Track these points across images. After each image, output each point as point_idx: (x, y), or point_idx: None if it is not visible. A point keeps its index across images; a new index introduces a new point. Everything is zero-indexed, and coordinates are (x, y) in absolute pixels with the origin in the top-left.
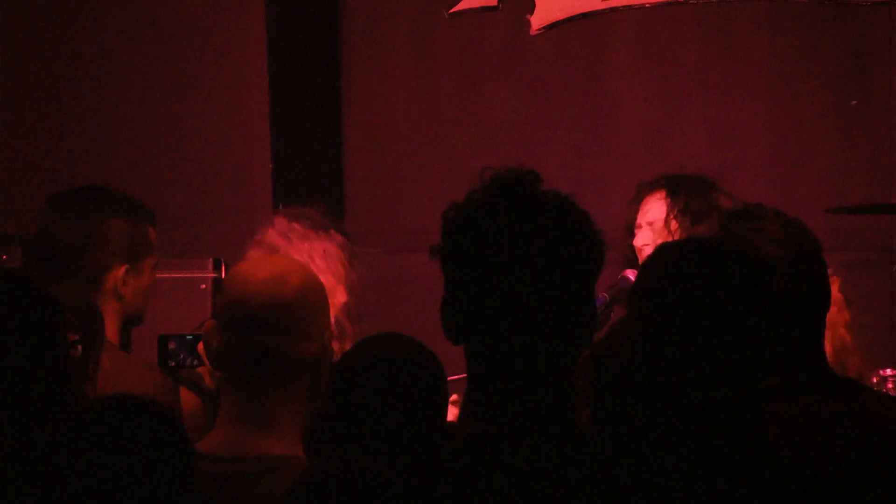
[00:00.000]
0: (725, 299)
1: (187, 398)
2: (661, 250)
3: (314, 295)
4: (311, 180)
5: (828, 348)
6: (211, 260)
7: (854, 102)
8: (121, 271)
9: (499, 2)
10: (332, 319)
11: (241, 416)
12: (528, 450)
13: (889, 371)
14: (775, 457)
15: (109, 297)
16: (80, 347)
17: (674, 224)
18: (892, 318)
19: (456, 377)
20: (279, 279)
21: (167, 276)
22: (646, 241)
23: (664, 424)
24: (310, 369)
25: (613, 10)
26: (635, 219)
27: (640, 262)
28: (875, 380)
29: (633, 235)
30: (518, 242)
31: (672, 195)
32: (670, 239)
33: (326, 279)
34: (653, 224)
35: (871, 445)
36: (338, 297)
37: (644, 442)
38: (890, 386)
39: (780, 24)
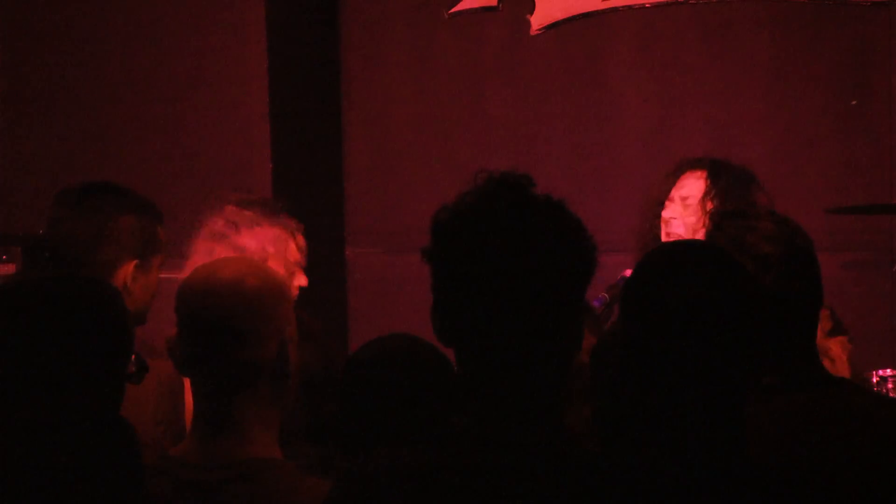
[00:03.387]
0: (713, 302)
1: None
2: (653, 253)
3: (270, 297)
4: (311, 180)
5: None
6: None
7: (854, 102)
8: (130, 267)
9: (499, 2)
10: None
11: (211, 421)
12: (516, 452)
13: (889, 371)
14: (762, 457)
15: None
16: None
17: (710, 204)
18: (892, 318)
19: None
20: (234, 285)
21: (167, 275)
22: (674, 214)
23: (652, 423)
24: (271, 371)
25: (613, 10)
26: (669, 192)
27: (664, 235)
28: (875, 380)
29: (661, 206)
30: (508, 246)
31: (713, 176)
32: (703, 218)
33: (278, 264)
34: (686, 199)
35: (862, 445)
36: (295, 282)
37: (635, 440)
38: (890, 386)
39: (780, 24)
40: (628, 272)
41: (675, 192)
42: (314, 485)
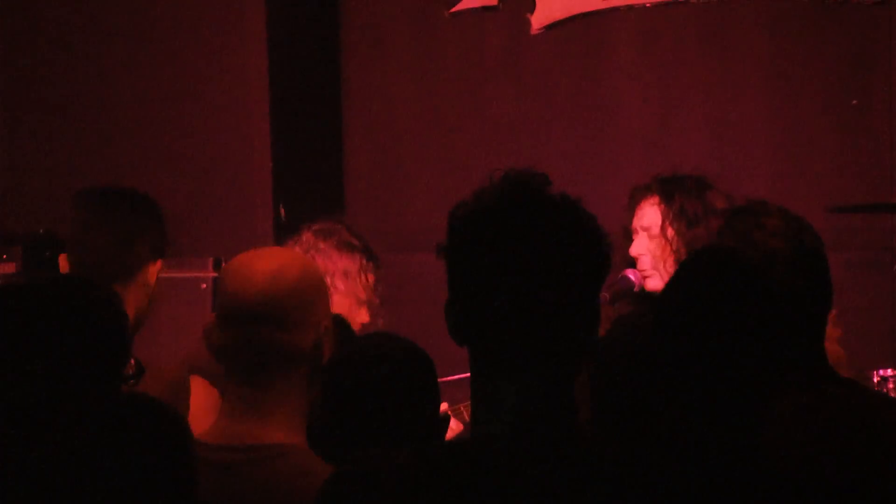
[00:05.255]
0: (737, 312)
1: (200, 390)
2: (687, 261)
3: (310, 287)
4: (311, 180)
5: None
6: (211, 260)
7: (855, 102)
8: (157, 266)
9: (499, 1)
10: (337, 313)
11: (242, 406)
12: (530, 452)
13: (890, 371)
14: (771, 459)
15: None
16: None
17: (670, 231)
18: (892, 318)
19: (451, 378)
20: (275, 272)
21: (167, 275)
22: (641, 250)
23: (664, 425)
24: (307, 360)
25: (614, 9)
26: (631, 223)
27: (638, 267)
28: (875, 380)
29: (629, 239)
30: (526, 244)
31: (666, 201)
32: (667, 246)
33: (347, 300)
34: (649, 230)
35: (868, 446)
36: (358, 318)
37: (642, 441)
38: (891, 386)
39: (780, 24)
40: (629, 272)
41: (636, 223)
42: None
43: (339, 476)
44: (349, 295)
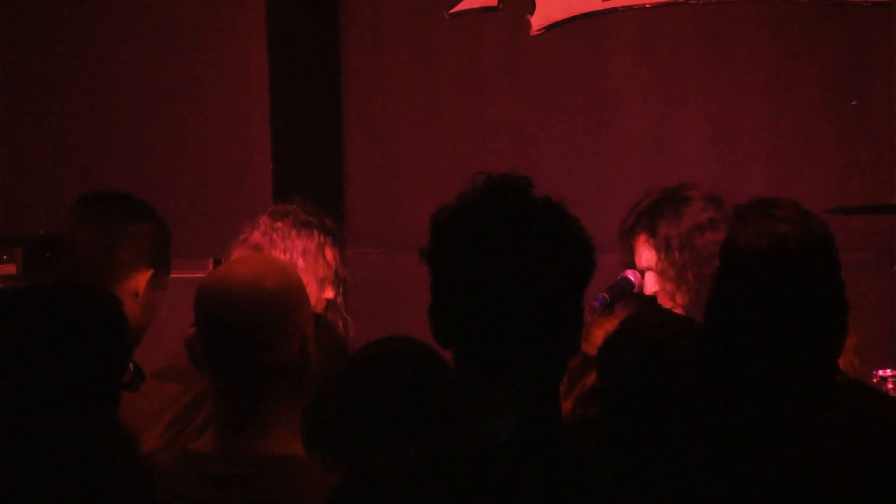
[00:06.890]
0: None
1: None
2: (734, 265)
3: (291, 295)
4: (311, 180)
5: None
6: (211, 260)
7: (854, 102)
8: (146, 275)
9: (499, 2)
10: (319, 313)
11: (232, 417)
12: (514, 453)
13: (889, 371)
14: (776, 462)
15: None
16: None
17: (666, 265)
18: (892, 318)
19: None
20: (254, 285)
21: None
22: (654, 288)
23: (673, 425)
24: (294, 368)
25: (613, 10)
26: (633, 261)
27: (660, 302)
28: (875, 380)
29: (634, 268)
30: (507, 247)
31: (653, 235)
32: (671, 279)
33: (307, 277)
34: (651, 268)
35: (876, 448)
36: (323, 295)
37: (650, 442)
38: (890, 386)
39: (780, 24)
40: (629, 272)
41: (639, 265)
42: (332, 482)
43: (351, 479)
44: (309, 272)
